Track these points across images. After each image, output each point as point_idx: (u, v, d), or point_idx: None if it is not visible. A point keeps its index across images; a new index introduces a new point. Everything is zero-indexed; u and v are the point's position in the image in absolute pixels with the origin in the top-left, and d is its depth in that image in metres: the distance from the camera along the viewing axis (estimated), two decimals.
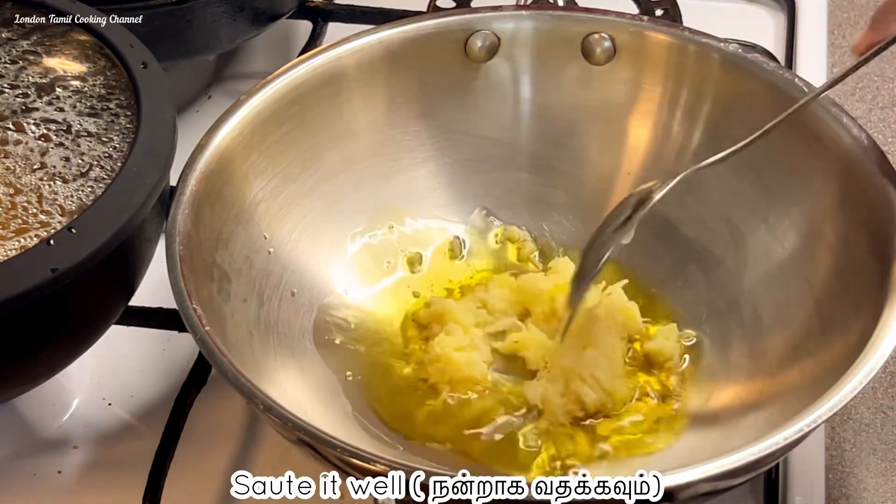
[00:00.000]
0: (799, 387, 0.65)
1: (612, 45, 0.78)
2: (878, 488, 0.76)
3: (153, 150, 0.65)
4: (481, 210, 0.80)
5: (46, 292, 0.58)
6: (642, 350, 0.72)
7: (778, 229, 0.73)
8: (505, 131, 0.80)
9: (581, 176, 0.79)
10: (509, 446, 0.68)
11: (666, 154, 0.78)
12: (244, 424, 0.71)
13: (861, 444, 0.79)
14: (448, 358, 0.70)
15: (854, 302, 0.65)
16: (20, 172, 0.64)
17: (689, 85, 0.77)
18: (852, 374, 0.58)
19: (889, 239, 0.64)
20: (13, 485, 0.69)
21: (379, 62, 0.77)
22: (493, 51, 0.79)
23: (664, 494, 0.54)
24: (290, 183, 0.74)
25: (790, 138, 0.73)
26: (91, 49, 0.71)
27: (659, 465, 0.65)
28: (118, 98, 0.68)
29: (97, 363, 0.74)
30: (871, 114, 1.05)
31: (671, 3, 0.94)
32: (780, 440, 0.55)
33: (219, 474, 0.69)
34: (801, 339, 0.68)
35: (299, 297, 0.73)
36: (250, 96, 0.73)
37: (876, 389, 0.83)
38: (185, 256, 0.64)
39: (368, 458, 0.55)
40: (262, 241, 0.72)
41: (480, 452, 0.67)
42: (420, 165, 0.79)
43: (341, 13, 0.98)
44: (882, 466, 0.77)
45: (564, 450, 0.67)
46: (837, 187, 0.70)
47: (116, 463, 0.70)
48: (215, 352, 0.59)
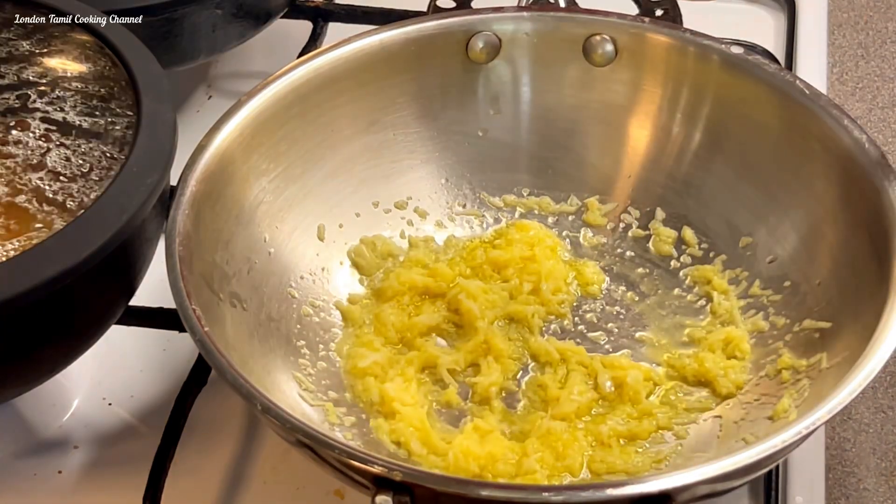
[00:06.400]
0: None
1: (614, 47, 0.78)
2: (878, 488, 0.76)
3: (153, 150, 0.65)
4: (482, 210, 0.80)
5: (46, 292, 0.58)
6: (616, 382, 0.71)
7: (778, 230, 0.73)
8: (506, 132, 0.80)
9: (581, 177, 0.80)
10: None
11: (666, 155, 0.78)
12: (244, 425, 0.71)
13: (861, 444, 0.79)
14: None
15: (854, 303, 0.65)
16: (20, 172, 0.64)
17: (689, 86, 0.77)
18: (852, 376, 0.58)
19: (889, 240, 0.64)
20: (13, 485, 0.69)
21: (379, 63, 0.77)
22: (494, 52, 0.79)
23: (663, 496, 0.54)
24: (291, 184, 0.74)
25: (791, 140, 0.73)
26: (91, 49, 0.71)
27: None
28: (118, 98, 0.68)
29: (97, 363, 0.74)
30: (871, 114, 1.06)
31: (671, 3, 0.94)
32: (779, 442, 0.55)
33: (219, 474, 0.69)
34: (802, 340, 0.68)
35: (300, 297, 0.73)
36: (251, 97, 0.73)
37: (876, 389, 0.83)
38: (185, 257, 0.64)
39: (367, 460, 0.55)
40: (262, 242, 0.72)
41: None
42: (421, 166, 0.80)
43: (341, 13, 0.97)
44: (882, 466, 0.78)
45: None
46: (838, 188, 0.70)
47: (116, 463, 0.70)
48: (214, 352, 0.59)
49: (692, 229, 0.77)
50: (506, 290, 0.75)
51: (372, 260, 0.76)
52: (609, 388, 0.69)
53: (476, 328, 0.72)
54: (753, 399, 0.68)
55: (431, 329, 0.73)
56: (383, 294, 0.74)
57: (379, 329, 0.73)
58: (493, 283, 0.75)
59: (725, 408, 0.68)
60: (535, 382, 0.71)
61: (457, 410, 0.69)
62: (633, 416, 0.68)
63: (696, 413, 0.68)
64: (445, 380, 0.70)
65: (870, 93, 1.05)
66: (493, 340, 0.71)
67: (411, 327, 0.73)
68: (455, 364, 0.71)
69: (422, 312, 0.73)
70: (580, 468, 0.65)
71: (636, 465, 0.65)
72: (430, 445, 0.66)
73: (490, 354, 0.71)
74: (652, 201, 0.78)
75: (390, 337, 0.72)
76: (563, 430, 0.67)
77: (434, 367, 0.71)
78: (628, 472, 0.65)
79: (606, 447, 0.66)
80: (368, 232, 0.77)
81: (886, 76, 1.07)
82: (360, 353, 0.71)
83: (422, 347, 0.72)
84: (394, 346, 0.72)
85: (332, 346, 0.72)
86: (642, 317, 0.74)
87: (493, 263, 0.76)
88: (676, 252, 0.77)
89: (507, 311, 0.74)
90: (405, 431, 0.67)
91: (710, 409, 0.68)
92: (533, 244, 0.76)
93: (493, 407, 0.69)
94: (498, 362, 0.71)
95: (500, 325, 0.73)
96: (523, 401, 0.70)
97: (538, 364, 0.72)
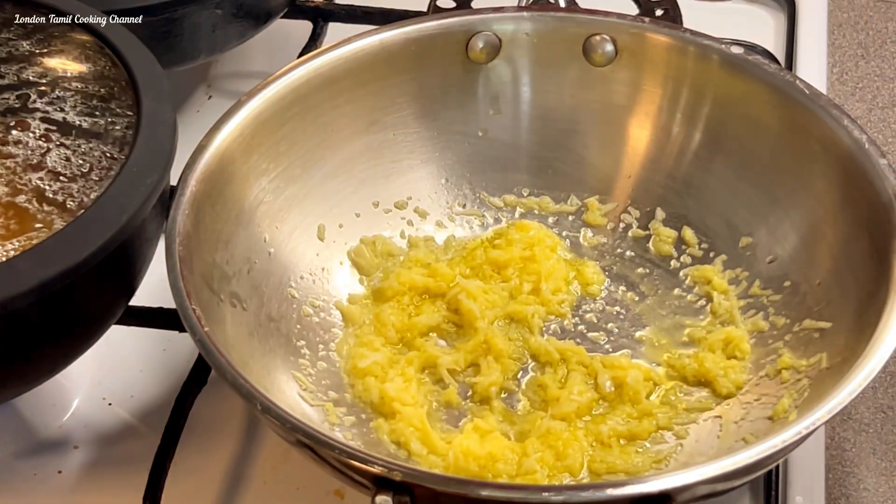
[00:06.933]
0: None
1: (614, 47, 0.78)
2: (878, 488, 0.76)
3: (153, 150, 0.65)
4: (482, 210, 0.80)
5: (46, 292, 0.58)
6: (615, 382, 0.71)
7: (778, 230, 0.73)
8: (506, 132, 0.80)
9: (581, 177, 0.80)
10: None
11: (666, 155, 0.78)
12: (244, 425, 0.71)
13: (861, 444, 0.79)
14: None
15: (854, 302, 0.65)
16: (21, 172, 0.64)
17: (689, 86, 0.77)
18: (852, 376, 0.58)
19: (889, 239, 0.64)
20: (13, 485, 0.69)
21: (379, 63, 0.77)
22: (494, 52, 0.79)
23: (663, 496, 0.54)
24: (291, 184, 0.74)
25: (791, 140, 0.73)
26: (91, 49, 0.71)
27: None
28: (118, 98, 0.68)
29: (97, 363, 0.74)
30: (871, 114, 1.06)
31: (671, 3, 0.94)
32: (779, 443, 0.55)
33: (219, 474, 0.69)
34: (802, 340, 0.68)
35: (300, 297, 0.73)
36: (251, 97, 0.73)
37: (876, 389, 0.83)
38: (185, 257, 0.64)
39: (367, 460, 0.55)
40: (262, 242, 0.72)
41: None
42: (421, 166, 0.80)
43: (341, 13, 0.98)
44: (882, 466, 0.78)
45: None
46: (838, 188, 0.70)
47: (116, 463, 0.70)
48: (214, 352, 0.59)
49: (692, 229, 0.77)
50: (506, 290, 0.75)
51: (372, 260, 0.76)
52: (609, 388, 0.69)
53: (476, 328, 0.72)
54: (753, 399, 0.68)
55: (431, 329, 0.73)
56: (383, 294, 0.74)
57: (379, 329, 0.73)
58: (493, 283, 0.75)
59: (725, 408, 0.68)
60: (535, 382, 0.71)
61: (457, 410, 0.69)
62: (633, 416, 0.68)
63: (696, 413, 0.68)
64: (445, 380, 0.70)
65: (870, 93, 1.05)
66: (493, 340, 0.71)
67: (411, 327, 0.73)
68: (455, 364, 0.71)
69: (422, 312, 0.73)
70: (580, 468, 0.65)
71: (636, 465, 0.65)
72: (430, 445, 0.66)
73: (490, 354, 0.71)
74: (652, 201, 0.78)
75: (390, 337, 0.72)
76: (563, 430, 0.67)
77: (434, 367, 0.71)
78: (628, 472, 0.65)
79: (606, 447, 0.66)
80: (368, 232, 0.77)
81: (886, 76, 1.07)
82: (361, 354, 0.71)
83: (422, 347, 0.72)
84: (394, 347, 0.72)
85: (332, 346, 0.72)
86: (642, 317, 0.74)
87: (493, 263, 0.76)
88: (676, 252, 0.77)
89: (507, 311, 0.74)
90: (405, 431, 0.67)
91: (710, 409, 0.68)
92: (533, 244, 0.76)
93: (493, 407, 0.69)
94: (498, 362, 0.71)
95: (500, 325, 0.73)
96: (523, 401, 0.70)
97: (538, 364, 0.72)
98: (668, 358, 0.71)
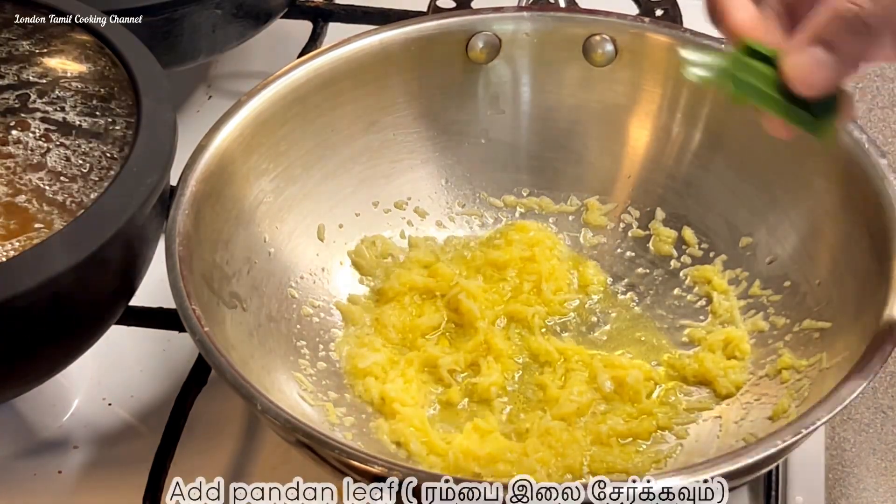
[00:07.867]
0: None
1: (614, 47, 0.78)
2: (878, 488, 0.76)
3: (153, 150, 0.65)
4: (482, 210, 0.80)
5: (46, 292, 0.58)
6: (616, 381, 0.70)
7: (778, 230, 0.73)
8: (505, 132, 0.80)
9: (581, 177, 0.80)
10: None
11: (666, 155, 0.78)
12: (244, 424, 0.71)
13: (861, 444, 0.79)
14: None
15: (854, 302, 0.65)
16: (21, 172, 0.64)
17: (689, 86, 0.77)
18: (852, 376, 0.58)
19: (889, 239, 0.64)
20: (13, 485, 0.69)
21: (379, 63, 0.77)
22: (494, 52, 0.79)
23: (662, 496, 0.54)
24: (291, 184, 0.74)
25: (790, 139, 0.73)
26: (91, 49, 0.71)
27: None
28: (118, 98, 0.68)
29: (97, 363, 0.74)
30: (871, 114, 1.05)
31: (671, 3, 0.94)
32: (779, 442, 0.55)
33: (219, 474, 0.69)
34: (802, 340, 0.69)
35: (299, 297, 0.73)
36: (251, 97, 0.73)
37: (876, 389, 0.83)
38: (185, 257, 0.64)
39: (367, 460, 0.55)
40: (262, 242, 0.72)
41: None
42: (421, 166, 0.80)
43: (341, 13, 0.98)
44: (882, 466, 0.78)
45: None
46: (838, 188, 0.70)
47: (116, 463, 0.70)
48: (214, 352, 0.59)
49: (692, 229, 0.77)
50: (506, 290, 0.75)
51: (372, 260, 0.76)
52: (609, 388, 0.69)
53: (476, 328, 0.72)
54: (753, 399, 0.68)
55: (433, 330, 0.73)
56: (384, 295, 0.74)
57: (379, 329, 0.73)
58: (494, 283, 0.75)
59: (725, 408, 0.68)
60: (535, 382, 0.71)
61: (457, 410, 0.69)
62: (633, 416, 0.68)
63: (696, 413, 0.68)
64: (445, 380, 0.70)
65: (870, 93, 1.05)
66: (493, 340, 0.71)
67: (412, 329, 0.73)
68: (455, 364, 0.71)
69: (422, 313, 0.73)
70: (580, 468, 0.65)
71: (636, 464, 0.65)
72: (430, 445, 0.66)
73: (490, 354, 0.71)
74: (652, 201, 0.78)
75: (391, 337, 0.72)
76: (562, 430, 0.67)
77: (434, 367, 0.71)
78: (628, 472, 0.65)
79: (606, 447, 0.66)
80: (368, 232, 0.77)
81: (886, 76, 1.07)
82: (361, 354, 0.71)
83: (422, 348, 0.72)
84: (394, 347, 0.72)
85: (333, 346, 0.72)
86: (642, 316, 0.74)
87: (493, 263, 0.76)
88: (676, 252, 0.77)
89: (507, 311, 0.74)
90: (405, 431, 0.67)
91: (710, 409, 0.68)
92: (533, 244, 0.76)
93: (493, 407, 0.69)
94: (498, 362, 0.71)
95: (500, 325, 0.73)
96: (523, 401, 0.70)
97: (538, 364, 0.72)
98: (668, 358, 0.72)
